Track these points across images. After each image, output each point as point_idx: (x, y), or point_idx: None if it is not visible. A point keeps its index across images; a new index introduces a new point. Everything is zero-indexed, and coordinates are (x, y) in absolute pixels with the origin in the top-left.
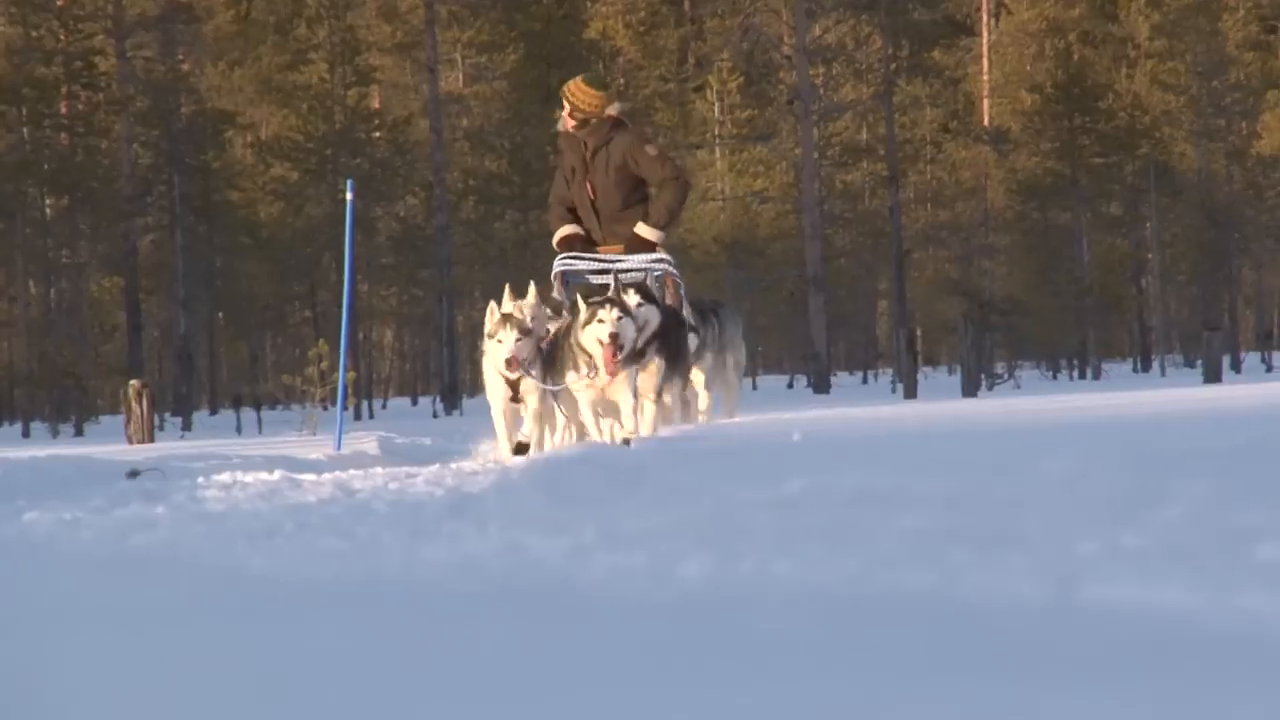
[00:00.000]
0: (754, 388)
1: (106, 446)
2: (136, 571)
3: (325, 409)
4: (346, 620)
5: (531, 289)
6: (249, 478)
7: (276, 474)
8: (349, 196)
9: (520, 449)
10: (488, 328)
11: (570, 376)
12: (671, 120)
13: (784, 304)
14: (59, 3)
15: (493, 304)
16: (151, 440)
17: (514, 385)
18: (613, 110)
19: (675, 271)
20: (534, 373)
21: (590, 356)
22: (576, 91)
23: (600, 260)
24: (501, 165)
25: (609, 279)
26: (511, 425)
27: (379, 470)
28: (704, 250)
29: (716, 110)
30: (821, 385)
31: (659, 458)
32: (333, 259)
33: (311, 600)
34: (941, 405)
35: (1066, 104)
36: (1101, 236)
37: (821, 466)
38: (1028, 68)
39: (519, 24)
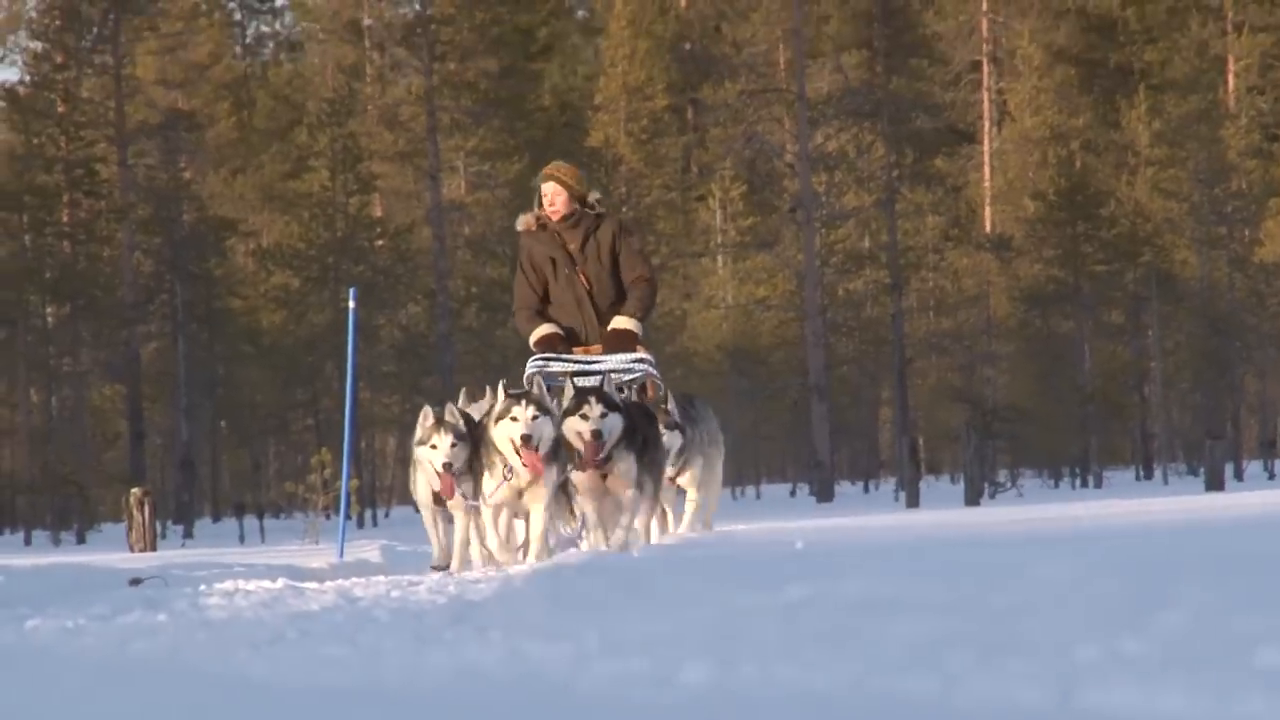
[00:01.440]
0: (757, 496)
1: (108, 554)
2: (138, 679)
3: (328, 517)
4: None
5: (493, 390)
6: (251, 585)
7: (279, 582)
8: (351, 304)
9: (440, 566)
10: (419, 433)
11: (486, 483)
12: (674, 228)
13: (787, 412)
14: (60, 110)
15: (426, 408)
16: (154, 548)
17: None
18: (594, 197)
19: (656, 373)
20: (463, 489)
21: (503, 456)
22: (569, 178)
23: (577, 362)
24: (504, 272)
25: (588, 381)
26: (443, 529)
27: (381, 578)
28: (706, 358)
29: (719, 218)
30: (825, 494)
31: (661, 564)
32: (335, 366)
33: (313, 708)
34: (944, 514)
35: (1069, 211)
36: (1104, 344)
37: (824, 573)
38: (1030, 175)
39: (521, 132)
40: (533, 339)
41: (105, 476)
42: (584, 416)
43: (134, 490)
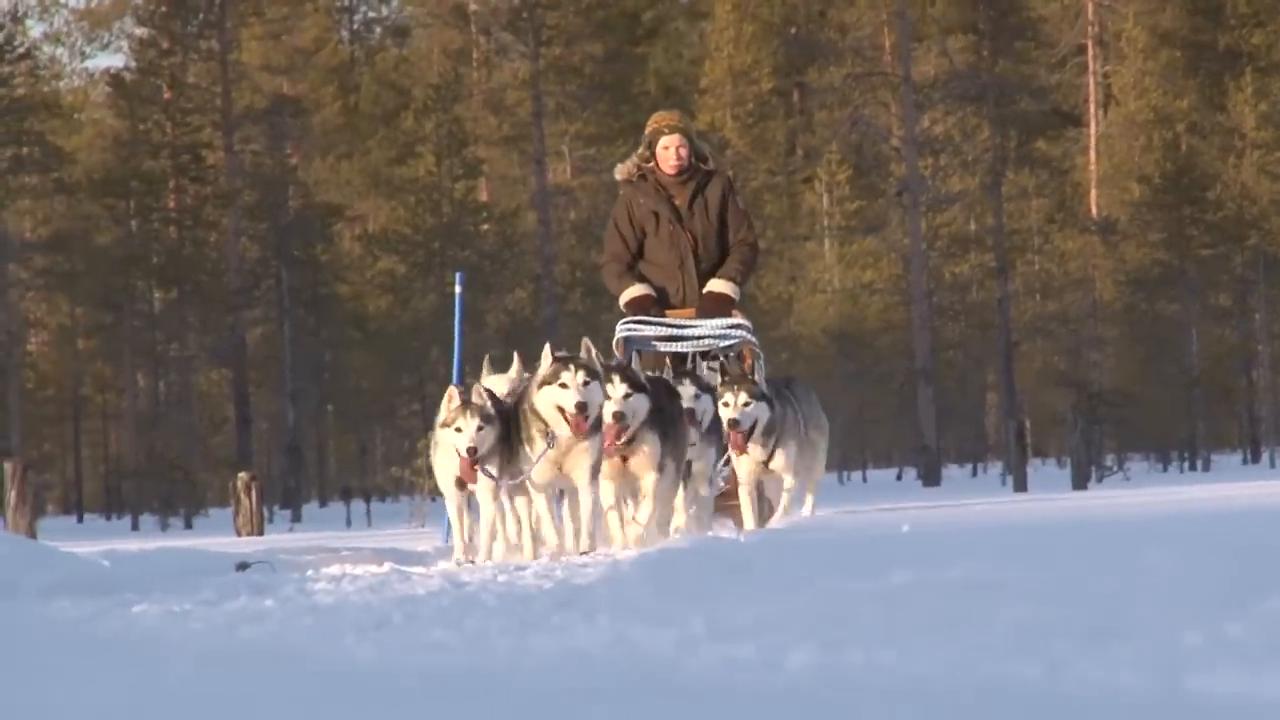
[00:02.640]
0: (863, 480)
1: (215, 539)
2: (245, 664)
3: (434, 500)
4: (455, 713)
5: (515, 361)
6: (358, 570)
7: (385, 566)
8: (457, 289)
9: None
10: (442, 415)
11: (524, 456)
12: (780, 212)
13: (893, 396)
14: (166, 96)
15: (451, 388)
16: (261, 533)
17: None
18: (707, 150)
19: (754, 340)
20: (490, 469)
21: (546, 425)
22: (680, 129)
23: (671, 325)
24: None
25: (680, 347)
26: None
27: (488, 562)
28: (812, 342)
29: (825, 202)
30: (931, 477)
31: (767, 549)
32: (441, 351)
33: (419, 692)
34: (1050, 497)
35: (1174, 194)
36: (1210, 327)
37: (928, 558)
38: (1136, 158)
39: (625, 116)
40: (623, 299)
41: (212, 461)
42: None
43: (241, 475)
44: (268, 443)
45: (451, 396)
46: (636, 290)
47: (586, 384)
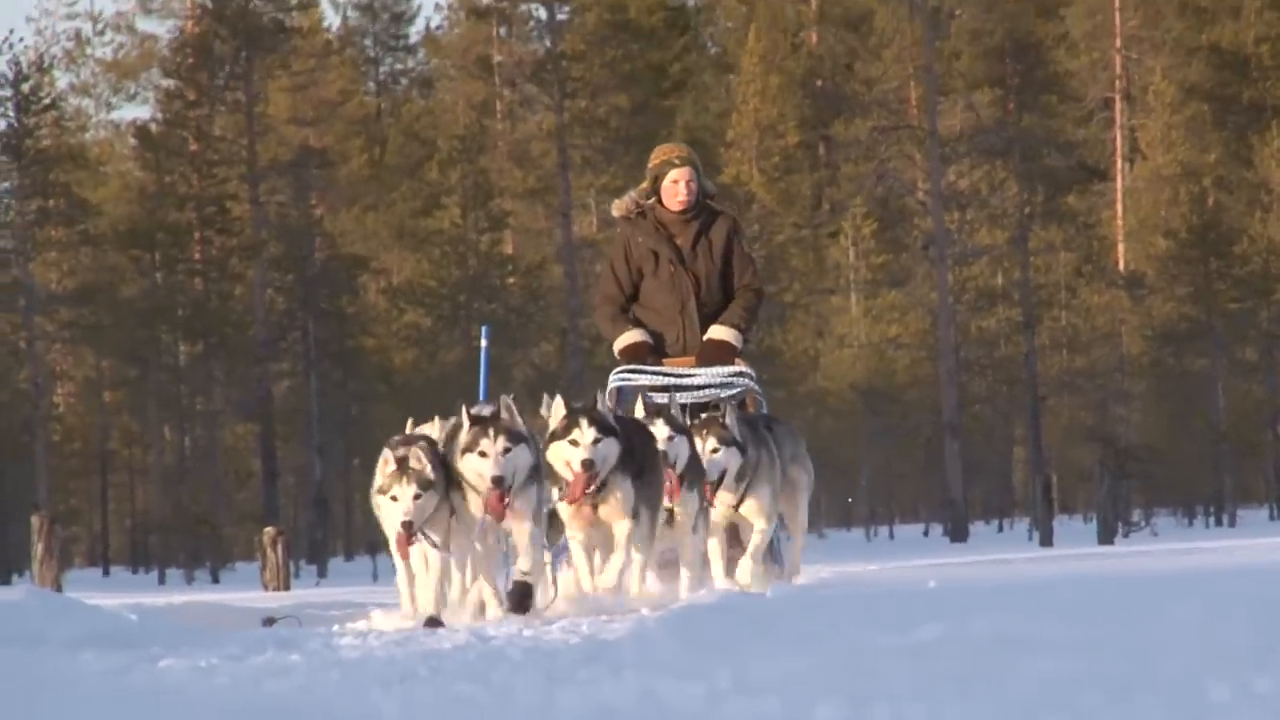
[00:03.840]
0: (890, 535)
1: (242, 593)
2: (271, 719)
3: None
4: None
5: (436, 421)
6: (384, 624)
7: (411, 620)
8: (483, 342)
9: (433, 622)
10: (377, 479)
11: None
12: (806, 266)
13: (920, 450)
14: (192, 148)
15: (386, 451)
16: (287, 587)
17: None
18: (711, 188)
19: (758, 389)
20: (433, 536)
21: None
22: (690, 162)
23: (668, 374)
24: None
25: (678, 397)
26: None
27: (514, 616)
28: (839, 397)
29: (851, 255)
30: (958, 532)
31: (793, 604)
32: (467, 405)
33: None
34: (1077, 553)
35: (1201, 249)
36: (1237, 382)
37: (955, 613)
38: (1162, 212)
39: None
40: (618, 346)
41: (238, 515)
42: (574, 443)
43: (267, 529)
44: (294, 496)
45: (387, 460)
46: (632, 336)
47: (506, 451)
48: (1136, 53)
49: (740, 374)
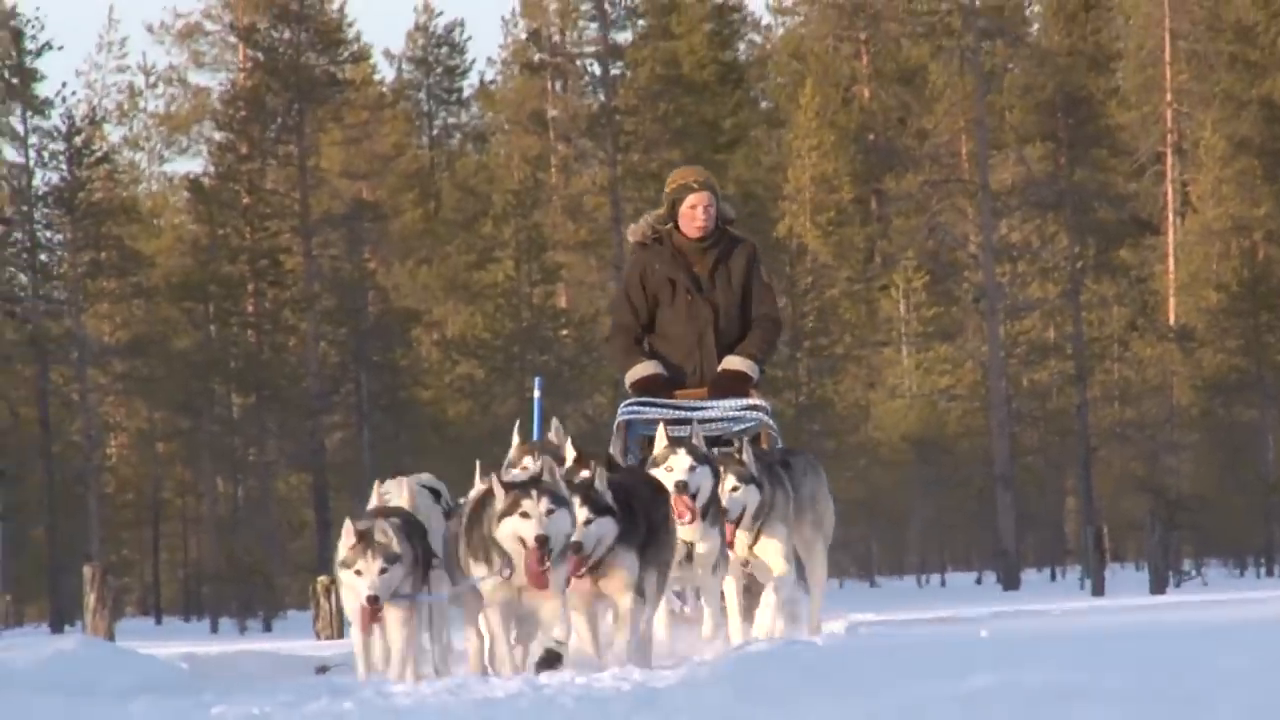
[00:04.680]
0: (942, 584)
1: (295, 642)
2: None
3: None
4: None
5: (404, 482)
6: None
7: (464, 669)
8: (536, 394)
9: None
10: (341, 552)
11: (478, 571)
12: (858, 318)
13: (972, 501)
14: (245, 201)
15: (348, 522)
16: (340, 635)
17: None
18: (730, 214)
19: (772, 423)
20: (402, 590)
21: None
22: (709, 186)
23: (680, 408)
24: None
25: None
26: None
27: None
28: (891, 448)
29: (903, 308)
30: (1010, 581)
31: (845, 652)
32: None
33: None
34: (1129, 602)
35: (1251, 301)
36: None
37: (1008, 661)
38: (1213, 266)
39: None
40: (629, 378)
41: (291, 565)
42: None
43: (320, 579)
44: None
45: (349, 531)
46: (645, 369)
47: (550, 513)
48: (1187, 107)
49: (754, 407)
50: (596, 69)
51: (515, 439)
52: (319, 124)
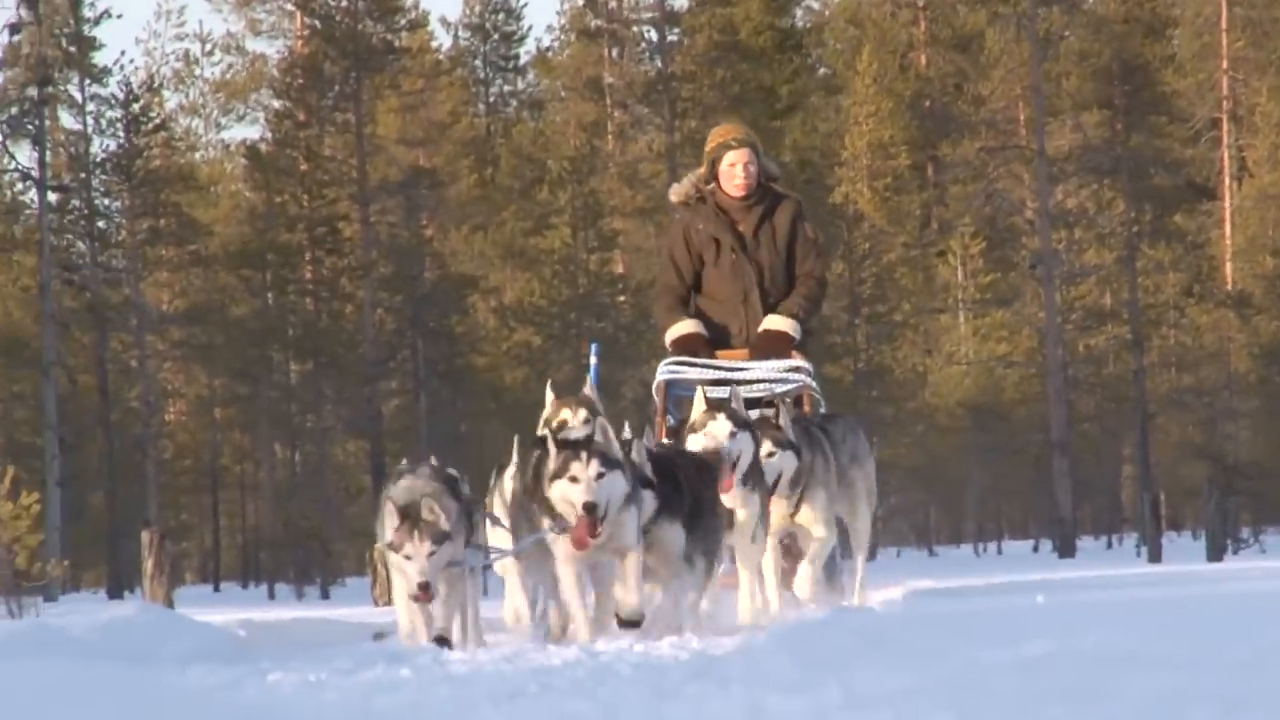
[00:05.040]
0: (999, 552)
1: (352, 609)
2: None
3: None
4: None
5: (549, 393)
6: (493, 639)
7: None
8: (593, 360)
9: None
10: (386, 534)
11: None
12: (914, 285)
13: (1028, 468)
14: (302, 168)
15: (389, 504)
16: None
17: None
18: (774, 169)
19: (815, 385)
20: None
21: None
22: (747, 143)
23: (720, 368)
24: None
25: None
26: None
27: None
28: (948, 414)
29: (959, 274)
30: (1066, 549)
31: (903, 619)
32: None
33: None
34: (1185, 569)
35: None
36: None
37: (1064, 628)
38: (1270, 231)
39: None
40: (669, 337)
41: (348, 531)
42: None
43: (377, 545)
44: None
45: (391, 512)
46: (685, 327)
47: (599, 477)
48: (1243, 73)
49: (796, 368)
50: (653, 35)
51: (549, 395)
52: (376, 91)
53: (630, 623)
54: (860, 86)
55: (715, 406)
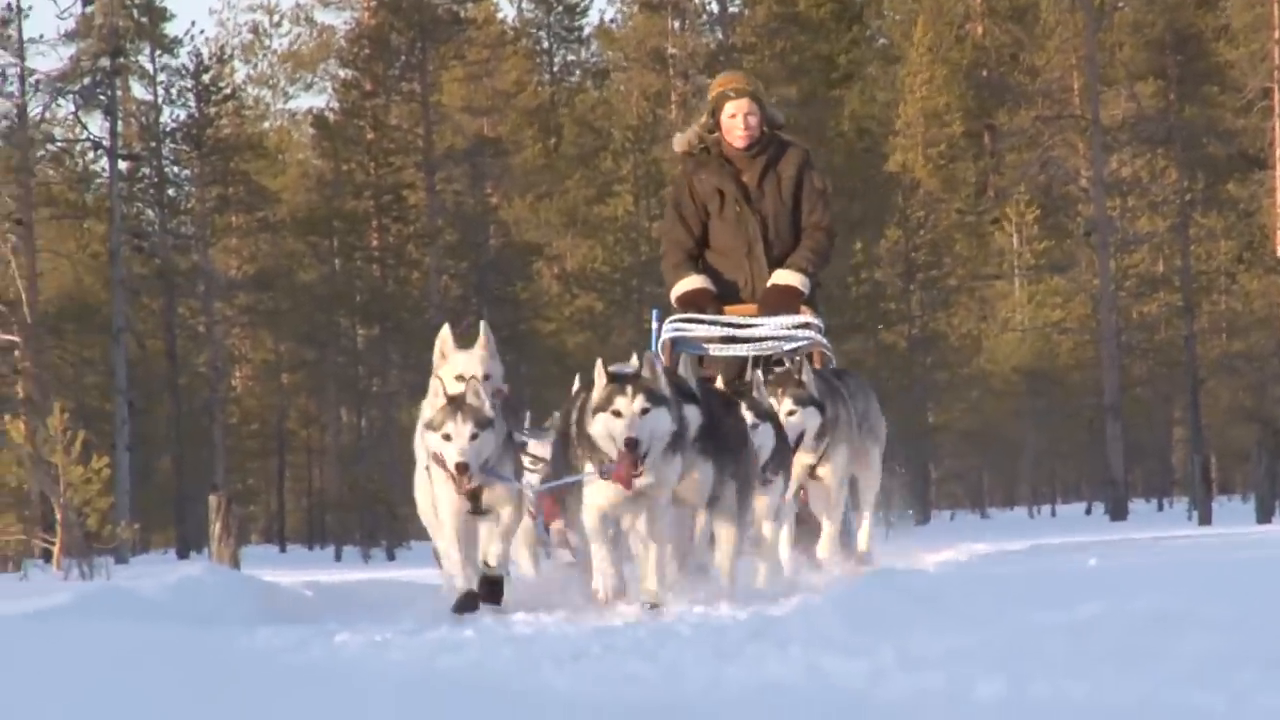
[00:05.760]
0: (1053, 514)
1: (417, 570)
2: (444, 694)
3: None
4: None
5: (483, 329)
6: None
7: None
8: (654, 325)
9: (469, 600)
10: (426, 414)
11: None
12: (970, 251)
13: (1082, 432)
14: (369, 137)
15: (436, 383)
16: None
17: (474, 491)
18: (780, 118)
19: (825, 342)
20: (503, 474)
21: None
22: (749, 92)
23: (728, 324)
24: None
25: (739, 349)
26: (471, 549)
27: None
28: (1003, 379)
29: (1015, 241)
30: (1119, 512)
31: (956, 582)
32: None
33: None
34: (1235, 531)
35: None
36: None
37: (1115, 590)
38: None
39: (820, 158)
40: (675, 294)
41: (414, 495)
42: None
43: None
44: None
45: (438, 391)
46: (692, 283)
47: (645, 411)
48: None
49: (806, 324)
50: (715, 7)
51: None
52: (441, 61)
53: (651, 606)
54: (915, 56)
55: (735, 394)
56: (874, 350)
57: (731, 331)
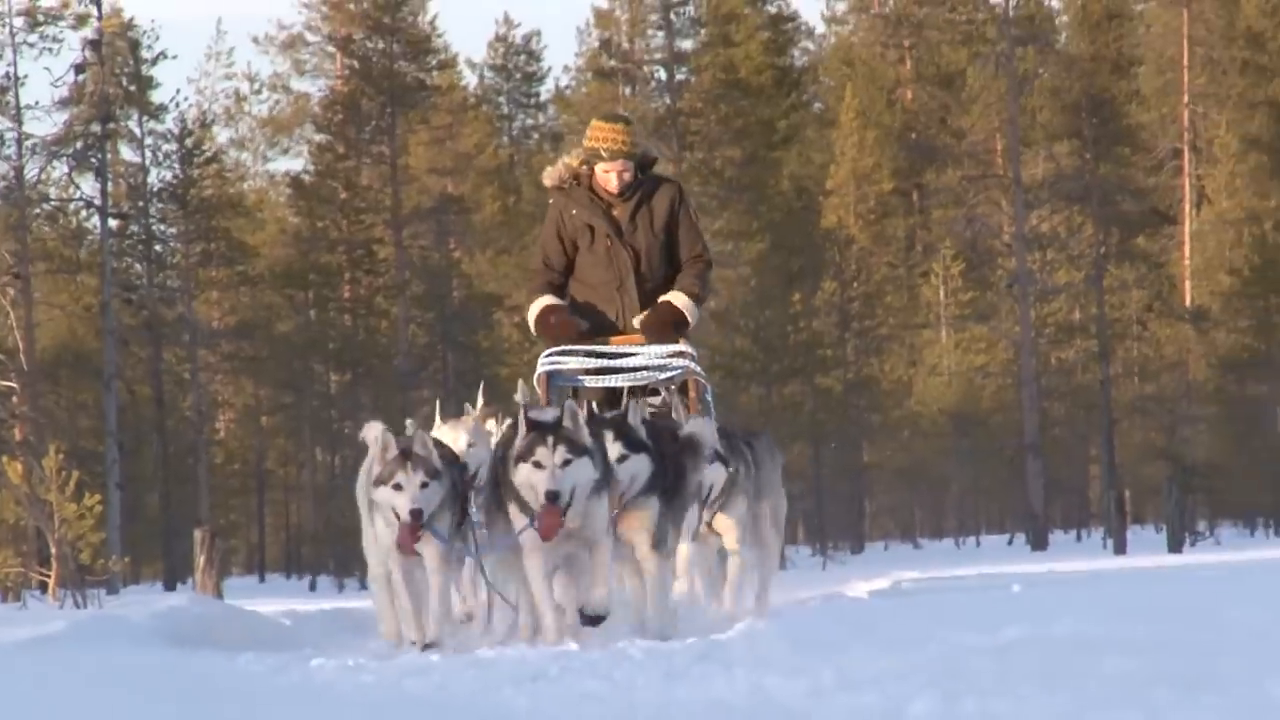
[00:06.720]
0: (977, 544)
1: None
2: (411, 714)
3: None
4: None
5: (480, 399)
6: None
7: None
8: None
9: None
10: (376, 468)
11: (517, 520)
12: (900, 302)
13: (1004, 469)
14: (342, 196)
15: (384, 435)
16: None
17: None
18: (651, 156)
19: (700, 370)
20: (439, 529)
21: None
22: (623, 153)
23: (602, 355)
24: (746, 343)
25: (614, 380)
26: (417, 596)
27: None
28: (931, 420)
29: (941, 293)
30: (1039, 542)
31: (890, 607)
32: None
33: None
34: (1148, 560)
35: (1262, 285)
36: None
37: (1038, 615)
38: (1226, 253)
39: (762, 215)
40: (530, 316)
41: None
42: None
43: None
44: None
45: (388, 445)
46: (544, 302)
47: (566, 464)
48: (1203, 108)
49: (680, 354)
50: (663, 74)
51: (480, 400)
52: (409, 126)
53: (595, 618)
54: (847, 120)
55: (606, 426)
56: (812, 394)
57: (606, 362)
